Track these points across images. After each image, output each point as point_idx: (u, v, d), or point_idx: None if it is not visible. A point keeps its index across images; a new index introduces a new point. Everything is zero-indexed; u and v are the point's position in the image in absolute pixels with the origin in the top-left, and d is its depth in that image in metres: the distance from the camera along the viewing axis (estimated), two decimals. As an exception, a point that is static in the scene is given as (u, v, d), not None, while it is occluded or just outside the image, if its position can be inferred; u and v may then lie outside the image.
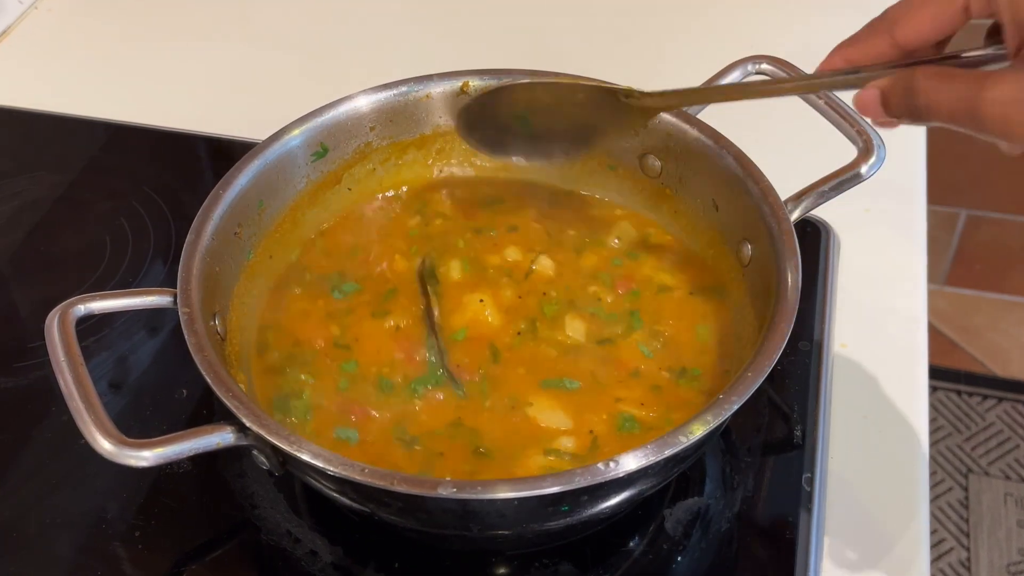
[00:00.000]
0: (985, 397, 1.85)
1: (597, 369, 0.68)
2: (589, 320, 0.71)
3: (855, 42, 0.57)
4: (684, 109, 0.75)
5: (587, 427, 0.65)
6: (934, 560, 1.64)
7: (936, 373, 1.86)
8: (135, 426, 0.73)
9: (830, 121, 0.72)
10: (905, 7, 0.55)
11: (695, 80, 0.77)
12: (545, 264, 0.75)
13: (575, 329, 0.71)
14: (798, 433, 0.71)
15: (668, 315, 0.72)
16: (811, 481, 0.68)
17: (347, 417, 0.66)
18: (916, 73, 0.52)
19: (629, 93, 0.68)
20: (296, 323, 0.72)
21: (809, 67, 0.75)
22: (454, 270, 0.75)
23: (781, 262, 0.63)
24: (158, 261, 0.87)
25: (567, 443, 0.64)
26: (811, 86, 0.64)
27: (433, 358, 0.68)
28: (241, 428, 0.57)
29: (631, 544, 0.66)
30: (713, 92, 0.70)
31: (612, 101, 0.69)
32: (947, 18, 0.54)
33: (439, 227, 0.79)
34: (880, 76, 0.55)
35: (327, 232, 0.79)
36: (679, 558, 0.65)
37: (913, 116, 0.53)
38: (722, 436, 0.71)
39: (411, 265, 0.76)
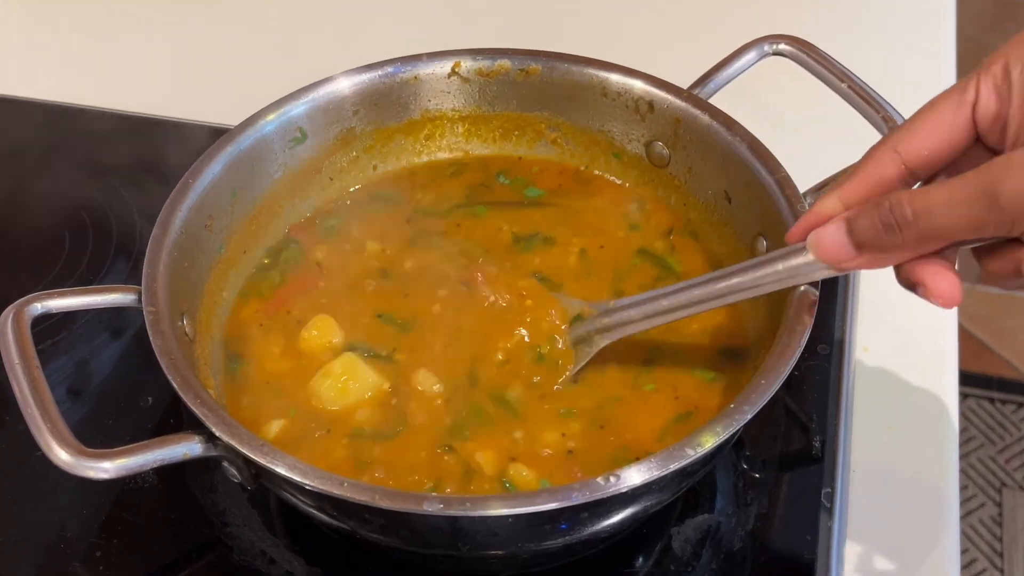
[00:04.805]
0: (1020, 405, 1.85)
1: None
2: None
3: (853, 175, 0.56)
4: (696, 92, 0.75)
5: None
6: (965, 582, 1.65)
7: (967, 379, 1.86)
8: (96, 436, 0.73)
9: (853, 106, 0.72)
10: (908, 124, 0.55)
11: (705, 62, 0.77)
12: None
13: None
14: (817, 444, 0.71)
15: None
16: (831, 497, 0.68)
17: None
18: (892, 193, 0.52)
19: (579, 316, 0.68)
20: None
21: (829, 48, 0.75)
22: None
23: (798, 259, 0.63)
24: (121, 257, 0.87)
25: None
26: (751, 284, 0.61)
27: None
28: (210, 438, 0.57)
29: (636, 565, 0.66)
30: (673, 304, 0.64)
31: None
32: (958, 124, 0.54)
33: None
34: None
35: None
36: (687, 580, 0.65)
37: (889, 236, 0.52)
38: (734, 448, 0.71)
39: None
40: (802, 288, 0.61)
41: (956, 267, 0.54)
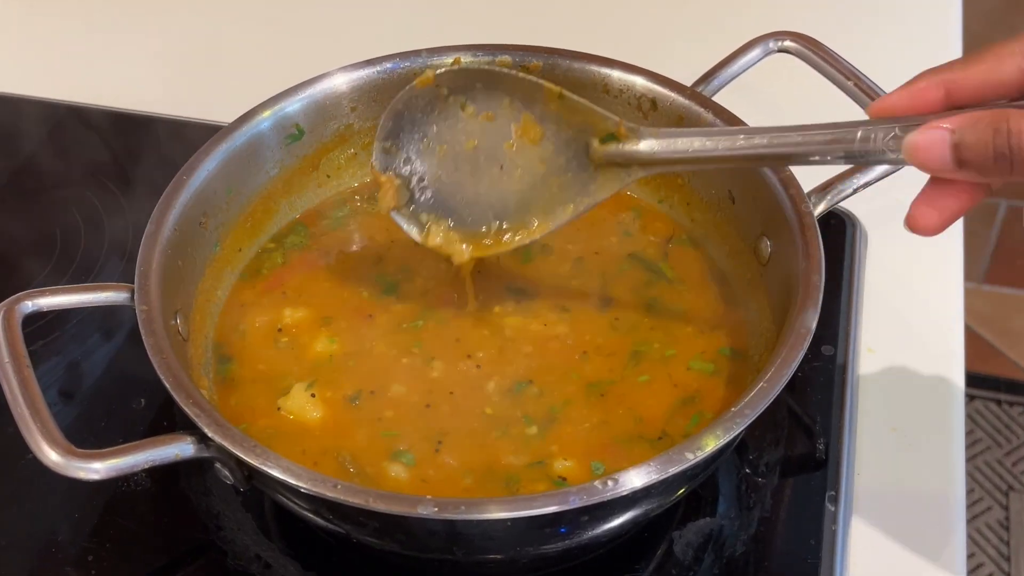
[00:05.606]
0: (1027, 407, 1.85)
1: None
2: None
3: (968, 64, 0.53)
4: (699, 90, 0.75)
5: None
6: (971, 586, 1.65)
7: (973, 380, 1.86)
8: (88, 438, 0.73)
9: (859, 104, 0.72)
10: (961, 62, 0.53)
11: (709, 59, 0.77)
12: None
13: None
14: (821, 447, 0.71)
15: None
16: (835, 500, 0.68)
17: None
18: (1008, 111, 0.49)
19: (612, 135, 0.63)
20: None
21: (835, 45, 0.75)
22: None
23: (803, 259, 0.63)
24: (114, 256, 0.87)
25: None
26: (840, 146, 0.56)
27: None
28: (203, 438, 0.57)
29: (637, 569, 0.66)
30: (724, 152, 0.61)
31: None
32: (1006, 72, 0.51)
33: None
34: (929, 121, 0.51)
35: None
36: (689, 585, 0.65)
37: (998, 164, 0.49)
38: (736, 451, 0.71)
39: None
40: (805, 288, 0.61)
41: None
